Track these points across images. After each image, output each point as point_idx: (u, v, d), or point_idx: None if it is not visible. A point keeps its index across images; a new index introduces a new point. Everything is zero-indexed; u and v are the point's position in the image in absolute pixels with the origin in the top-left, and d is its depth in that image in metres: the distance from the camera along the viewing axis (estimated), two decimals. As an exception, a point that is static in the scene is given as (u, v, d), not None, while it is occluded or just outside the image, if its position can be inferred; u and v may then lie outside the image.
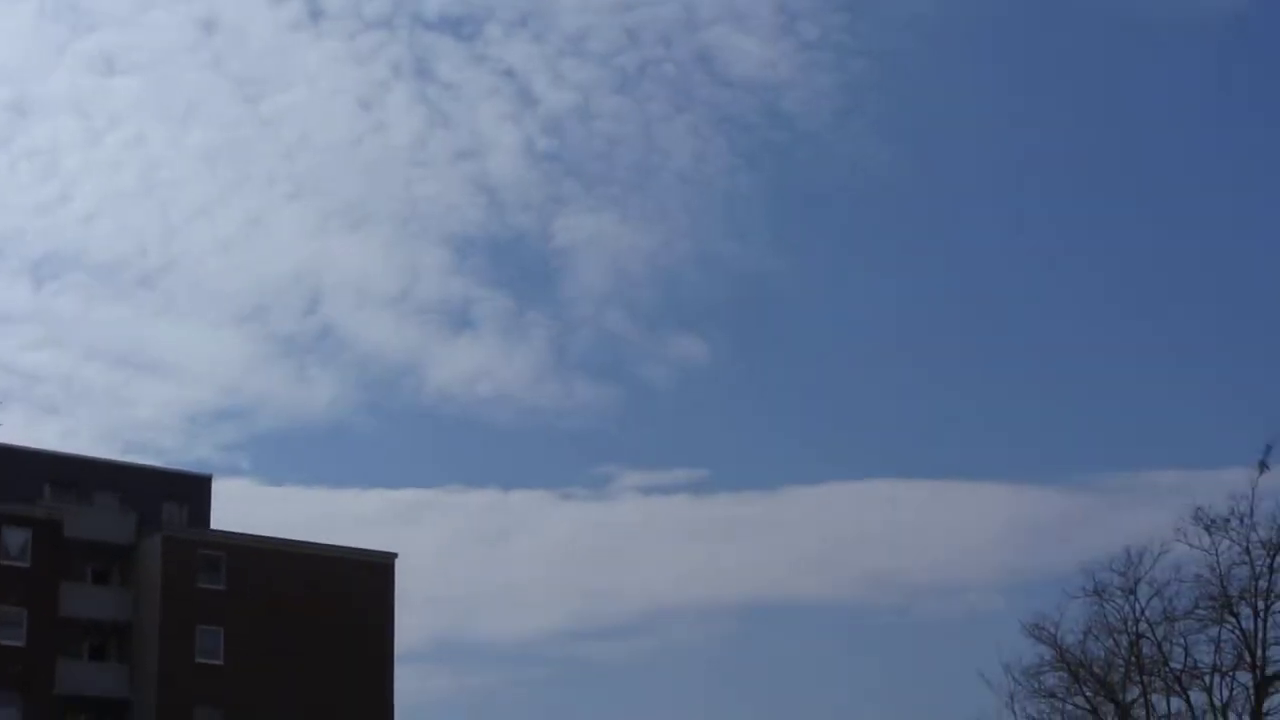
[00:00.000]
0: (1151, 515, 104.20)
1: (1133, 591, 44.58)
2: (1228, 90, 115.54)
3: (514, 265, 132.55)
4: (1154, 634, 44.52)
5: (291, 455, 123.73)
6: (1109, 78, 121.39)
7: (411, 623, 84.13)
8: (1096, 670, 45.45)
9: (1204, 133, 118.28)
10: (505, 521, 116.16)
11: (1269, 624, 42.53)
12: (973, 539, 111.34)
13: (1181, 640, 44.19)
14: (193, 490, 69.60)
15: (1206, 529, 43.06)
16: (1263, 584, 42.52)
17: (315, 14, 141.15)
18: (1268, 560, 42.39)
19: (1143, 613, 44.59)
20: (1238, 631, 43.02)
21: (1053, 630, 45.74)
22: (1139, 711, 44.74)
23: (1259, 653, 42.43)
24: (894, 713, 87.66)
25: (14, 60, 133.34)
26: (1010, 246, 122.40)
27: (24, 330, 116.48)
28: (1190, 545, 43.62)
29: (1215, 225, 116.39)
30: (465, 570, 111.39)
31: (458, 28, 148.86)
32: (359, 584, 65.50)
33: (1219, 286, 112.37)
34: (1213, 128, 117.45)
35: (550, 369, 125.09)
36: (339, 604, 64.50)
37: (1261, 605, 42.49)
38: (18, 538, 59.33)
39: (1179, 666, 44.12)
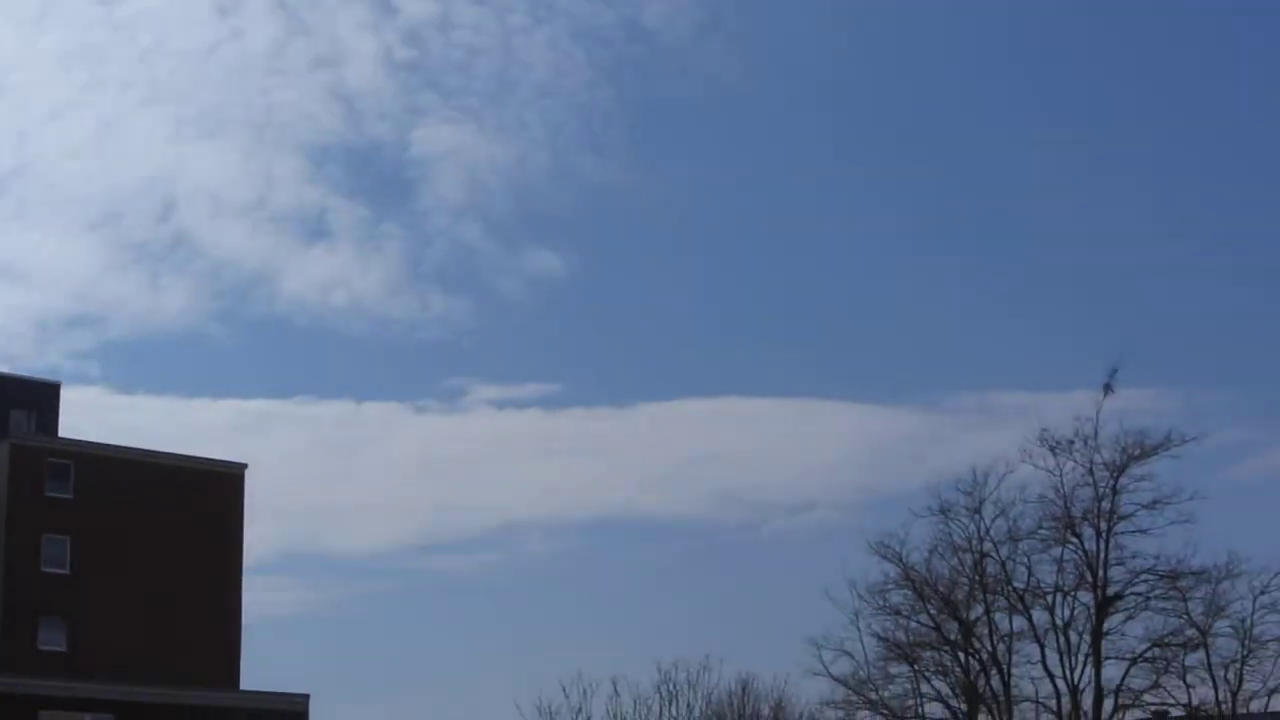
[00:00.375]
0: (999, 436, 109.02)
1: (978, 511, 45.24)
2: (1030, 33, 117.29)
3: (370, 175, 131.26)
4: (998, 553, 45.24)
5: (143, 364, 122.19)
6: (946, 8, 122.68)
7: (262, 534, 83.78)
8: (941, 589, 45.82)
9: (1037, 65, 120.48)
10: (357, 434, 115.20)
11: (1110, 545, 43.61)
12: (823, 457, 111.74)
13: (1025, 560, 45.12)
14: (41, 397, 69.11)
15: (1051, 450, 44.26)
16: (1105, 505, 43.68)
17: None
18: (1110, 482, 43.46)
19: (987, 532, 45.29)
20: (1080, 552, 44.02)
21: (898, 549, 46.26)
22: (982, 629, 45.37)
23: (1100, 573, 43.44)
24: (741, 629, 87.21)
25: None
26: (864, 161, 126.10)
27: None
28: (1035, 466, 44.90)
29: (1070, 155, 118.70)
30: (316, 482, 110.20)
31: None
32: (209, 494, 65.02)
33: (1069, 213, 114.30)
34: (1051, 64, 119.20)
35: (405, 280, 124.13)
36: (189, 514, 63.88)
37: (1104, 526, 43.57)
38: None
39: (1022, 586, 44.95)
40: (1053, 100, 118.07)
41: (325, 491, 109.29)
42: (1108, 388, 44.57)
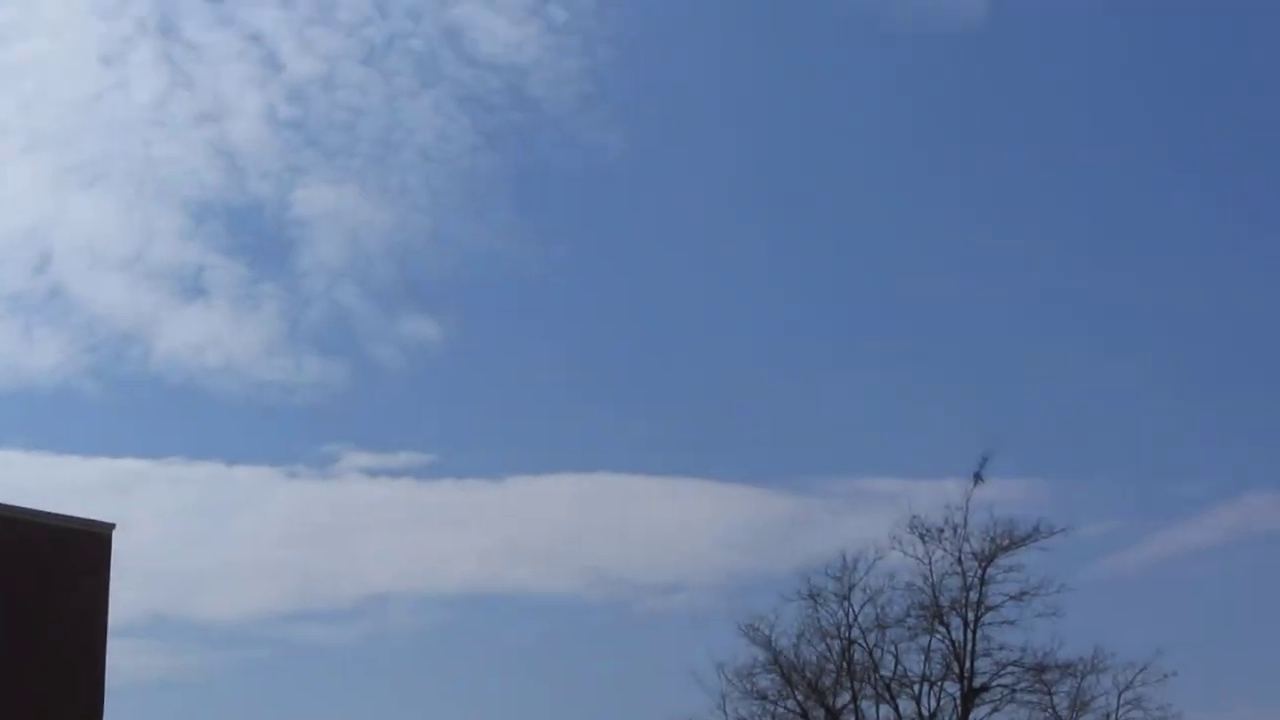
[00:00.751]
0: (869, 521, 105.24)
1: (847, 597, 44.03)
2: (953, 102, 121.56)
3: (250, 233, 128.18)
4: (866, 640, 44.16)
5: (11, 417, 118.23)
6: (838, 81, 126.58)
7: (127, 598, 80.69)
8: (809, 674, 44.72)
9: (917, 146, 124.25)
10: (228, 497, 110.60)
11: (978, 635, 42.80)
12: (695, 537, 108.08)
13: (893, 648, 43.95)
14: None
15: (921, 538, 43.43)
16: (973, 595, 42.83)
17: None
18: (979, 571, 42.74)
19: (855, 618, 44.09)
20: (948, 641, 43.10)
21: (767, 632, 44.99)
22: (848, 718, 44.20)
23: (967, 664, 42.68)
24: (607, 708, 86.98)
25: None
26: (740, 237, 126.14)
27: None
28: (905, 553, 43.87)
29: (937, 241, 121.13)
30: (185, 545, 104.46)
31: None
32: (73, 554, 62.60)
33: (947, 297, 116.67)
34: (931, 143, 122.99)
35: (281, 342, 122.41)
36: (53, 575, 62.47)
37: (971, 616, 42.79)
38: None
39: (889, 674, 43.97)
40: (933, 178, 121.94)
41: (194, 555, 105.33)
42: (978, 477, 44.16)
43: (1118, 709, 42.82)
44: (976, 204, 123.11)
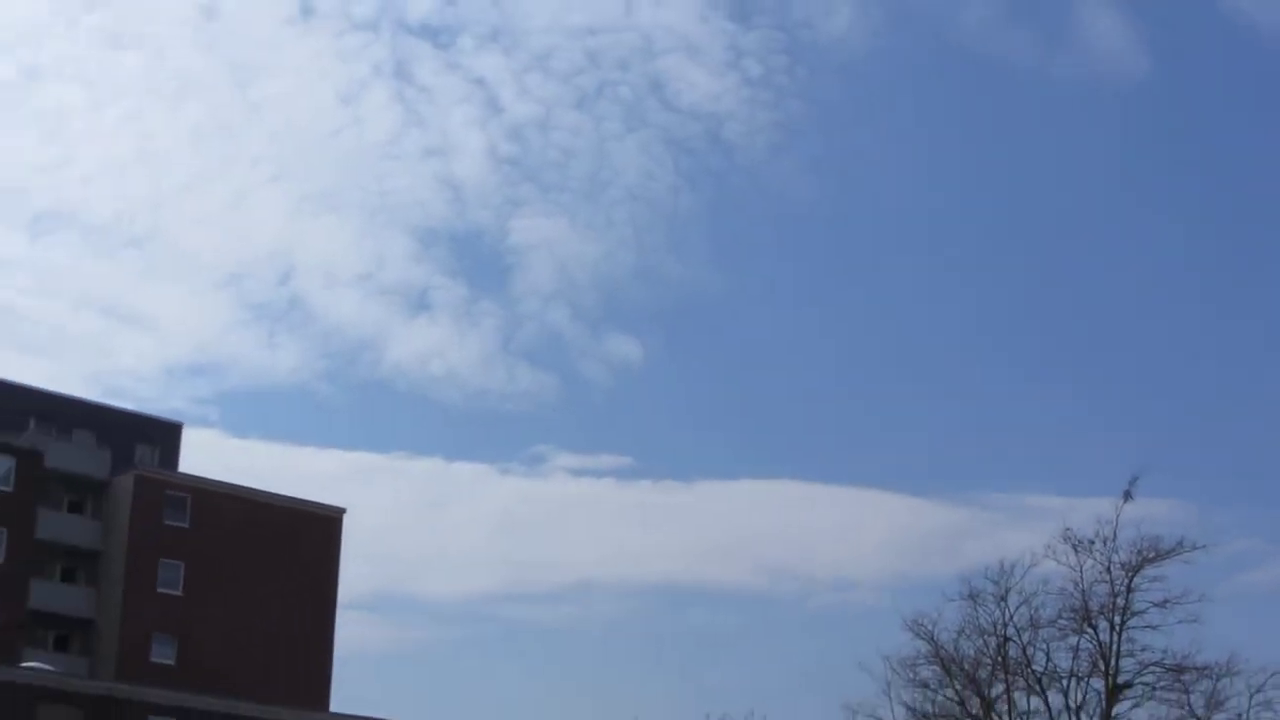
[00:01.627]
0: (1027, 533, 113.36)
1: (1004, 599, 46.53)
2: (1126, 152, 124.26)
3: (471, 258, 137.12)
4: (1020, 638, 46.44)
5: (256, 412, 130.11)
6: (1015, 133, 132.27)
7: (356, 574, 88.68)
8: (966, 667, 47.24)
9: (1094, 188, 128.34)
10: (446, 489, 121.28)
11: (1123, 637, 45.00)
12: (867, 541, 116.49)
13: (1044, 646, 46.34)
14: (165, 435, 72.02)
15: (1074, 548, 45.57)
16: (1120, 601, 44.97)
17: (307, 11, 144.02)
18: (1126, 580, 44.83)
19: (1011, 618, 46.49)
20: (1095, 642, 45.28)
21: (930, 628, 47.53)
22: (1001, 707, 46.83)
23: (1112, 662, 44.79)
24: (783, 691, 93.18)
25: (29, 28, 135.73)
26: (920, 277, 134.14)
27: (19, 277, 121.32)
28: (1058, 562, 46.04)
29: (1107, 275, 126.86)
30: (408, 531, 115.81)
31: (436, 36, 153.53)
32: (309, 534, 67.56)
33: (1119, 334, 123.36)
34: (1103, 186, 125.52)
35: (496, 355, 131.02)
36: (291, 550, 66.52)
37: (1118, 620, 44.92)
38: (1, 465, 60.65)
39: (1040, 669, 46.27)
40: (1109, 222, 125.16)
41: (416, 540, 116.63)
42: (1128, 495, 45.63)
43: (1249, 709, 44.04)
44: (1145, 234, 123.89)
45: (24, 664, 54.82)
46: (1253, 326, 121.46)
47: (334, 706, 64.92)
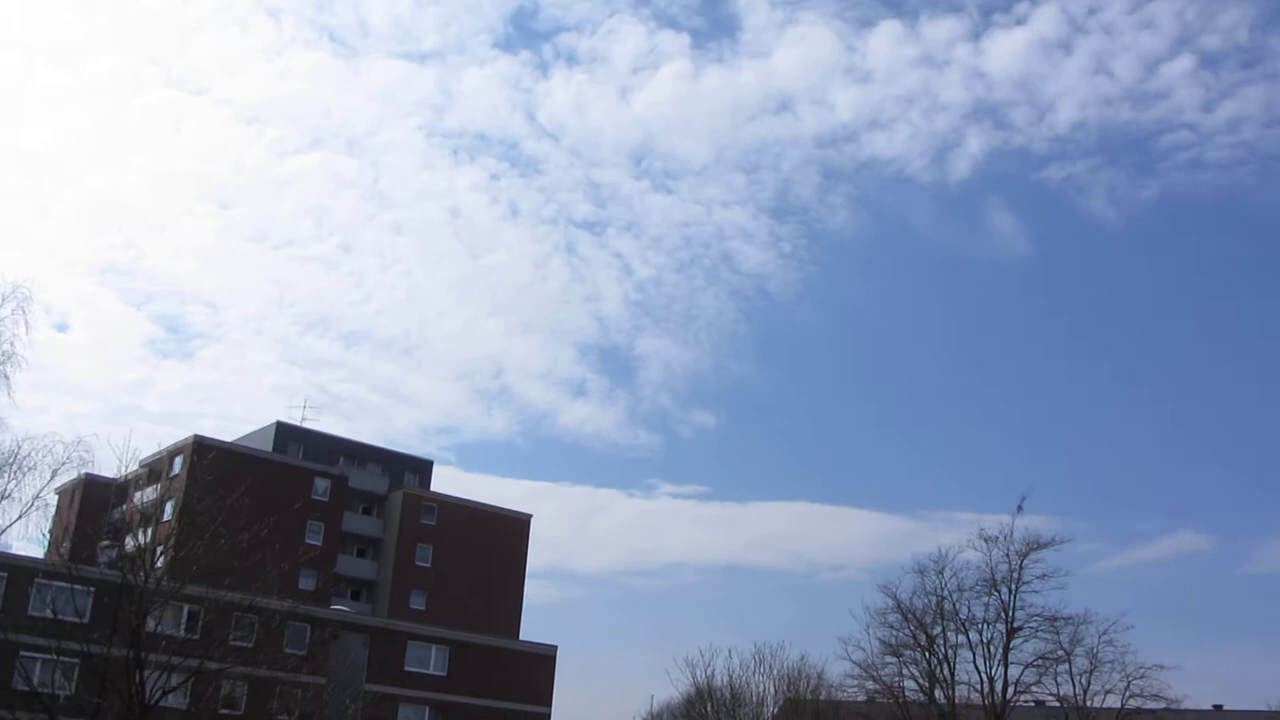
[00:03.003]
0: (955, 534, 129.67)
1: (941, 573, 49.84)
2: (1009, 302, 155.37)
3: (612, 362, 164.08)
4: (951, 598, 49.54)
5: (478, 456, 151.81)
6: (943, 289, 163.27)
7: (536, 557, 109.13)
8: (917, 615, 49.90)
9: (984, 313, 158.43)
10: (593, 505, 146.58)
11: (1016, 599, 48.60)
12: (854, 540, 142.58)
13: (966, 603, 49.38)
14: (421, 468, 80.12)
15: (985, 542, 49.09)
16: (1015, 575, 48.68)
17: (514, 212, 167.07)
18: (1018, 562, 48.58)
19: (946, 586, 49.69)
20: (999, 601, 48.74)
21: (895, 590, 50.61)
22: (940, 641, 49.48)
23: (1010, 614, 48.41)
24: (801, 630, 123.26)
25: (348, 221, 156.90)
26: (886, 368, 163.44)
27: (338, 372, 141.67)
28: (976, 550, 49.74)
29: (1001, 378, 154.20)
30: (569, 531, 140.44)
31: (592, 227, 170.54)
32: (510, 530, 74.99)
33: (1012, 409, 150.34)
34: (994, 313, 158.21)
35: (625, 422, 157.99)
36: (499, 540, 73.27)
37: (1013, 587, 48.74)
38: (321, 484, 70.12)
39: (964, 617, 49.38)
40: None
41: (574, 536, 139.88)
42: (1019, 509, 49.91)
43: (1097, 644, 47.87)
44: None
45: (333, 606, 61.66)
46: (1108, 402, 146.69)
47: (524, 635, 71.13)
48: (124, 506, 60.72)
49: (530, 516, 76.96)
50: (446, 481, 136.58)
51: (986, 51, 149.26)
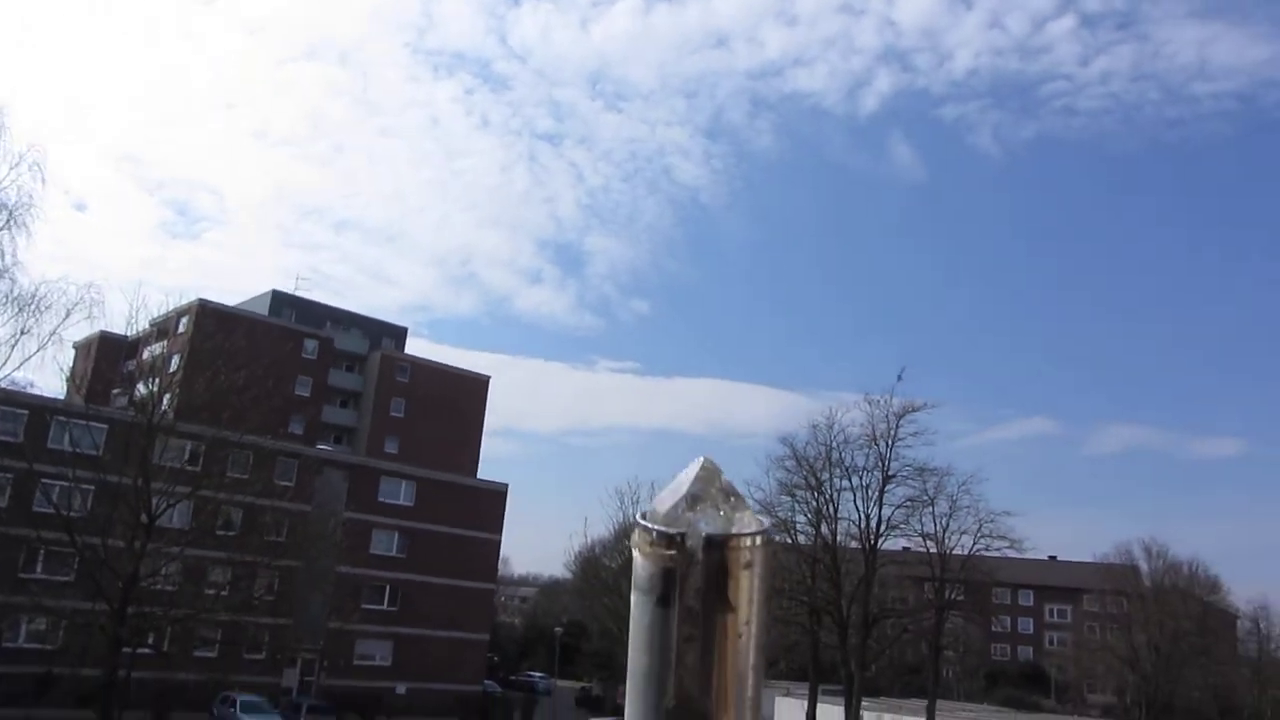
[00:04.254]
0: (845, 402, 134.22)
1: (830, 428, 50.18)
2: (909, 217, 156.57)
3: (565, 256, 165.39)
4: (839, 449, 50.03)
5: (448, 331, 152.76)
6: (850, 206, 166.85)
7: (494, 418, 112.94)
8: (810, 461, 50.50)
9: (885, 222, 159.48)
10: (543, 376, 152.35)
11: (892, 451, 49.07)
12: (759, 411, 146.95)
13: (851, 453, 49.71)
14: (398, 334, 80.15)
15: (869, 404, 49.38)
16: (892, 432, 48.99)
17: (486, 123, 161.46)
18: (895, 422, 48.88)
19: (834, 439, 50.09)
20: (878, 453, 49.20)
21: (791, 441, 51.39)
22: (828, 485, 50.12)
23: (886, 464, 49.10)
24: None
25: (336, 123, 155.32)
26: (797, 270, 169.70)
27: (328, 254, 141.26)
28: (861, 411, 52.09)
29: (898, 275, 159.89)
30: (522, 396, 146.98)
31: (552, 139, 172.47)
32: (472, 388, 74.80)
33: (912, 301, 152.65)
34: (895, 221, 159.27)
35: (574, 307, 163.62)
36: (463, 396, 73.81)
37: (890, 441, 49.09)
38: (310, 345, 70.21)
39: (849, 465, 49.97)
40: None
41: (525, 400, 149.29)
42: (899, 378, 55.77)
43: (957, 493, 49.01)
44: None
45: (318, 446, 62.78)
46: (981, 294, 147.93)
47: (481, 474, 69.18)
48: (135, 360, 62.15)
49: (489, 378, 77.47)
50: (419, 350, 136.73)
51: (898, 3, 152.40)
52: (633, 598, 1.50)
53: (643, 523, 1.48)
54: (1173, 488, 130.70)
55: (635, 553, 1.49)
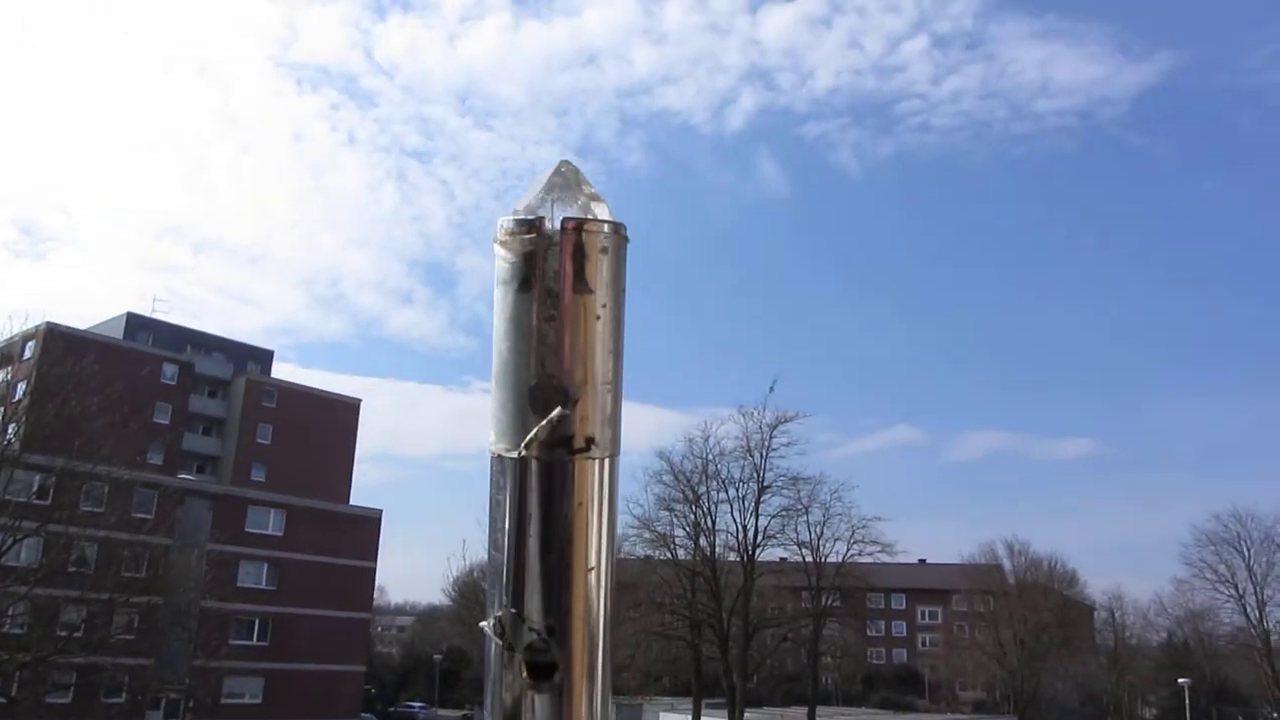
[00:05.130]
0: (721, 416, 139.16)
1: (706, 441, 51.12)
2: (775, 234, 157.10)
3: (436, 276, 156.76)
4: (715, 461, 51.12)
5: (316, 355, 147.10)
6: (713, 212, 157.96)
7: (366, 443, 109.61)
8: (687, 475, 51.44)
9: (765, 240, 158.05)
10: (416, 398, 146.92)
11: (766, 462, 50.52)
12: (639, 428, 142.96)
13: (727, 465, 51.01)
14: (263, 358, 77.92)
15: (743, 416, 50.62)
16: (766, 442, 50.45)
17: (352, 140, 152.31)
18: (769, 432, 50.26)
19: (710, 451, 51.09)
20: (753, 464, 50.56)
21: (668, 455, 51.84)
22: (705, 497, 51.38)
23: (761, 474, 50.48)
24: None
25: (195, 138, 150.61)
26: (672, 295, 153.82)
27: (186, 276, 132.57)
28: (735, 424, 51.83)
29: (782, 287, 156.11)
30: (395, 420, 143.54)
31: (421, 156, 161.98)
32: (341, 413, 73.10)
33: (788, 315, 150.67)
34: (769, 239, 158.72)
35: (446, 328, 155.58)
36: (333, 422, 72.22)
37: (765, 453, 50.54)
38: (170, 370, 67.60)
39: (725, 477, 51.13)
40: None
41: (398, 423, 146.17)
42: (771, 390, 55.08)
43: (830, 501, 50.92)
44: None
45: (179, 475, 59.94)
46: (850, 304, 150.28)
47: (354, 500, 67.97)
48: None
49: (360, 401, 76.26)
50: (287, 374, 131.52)
51: (762, 23, 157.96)
52: (495, 294, 1.56)
53: (504, 218, 1.53)
54: (1031, 488, 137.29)
55: (497, 248, 1.55)
